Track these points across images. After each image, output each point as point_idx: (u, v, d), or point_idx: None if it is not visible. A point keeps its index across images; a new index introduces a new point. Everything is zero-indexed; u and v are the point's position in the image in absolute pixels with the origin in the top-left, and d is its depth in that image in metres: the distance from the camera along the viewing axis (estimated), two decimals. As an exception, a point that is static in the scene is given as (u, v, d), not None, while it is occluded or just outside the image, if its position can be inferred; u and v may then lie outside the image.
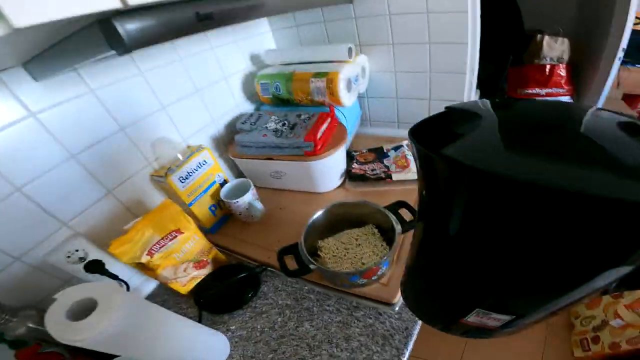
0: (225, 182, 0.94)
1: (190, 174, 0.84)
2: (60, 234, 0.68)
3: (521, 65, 2.11)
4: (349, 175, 0.96)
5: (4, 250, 0.61)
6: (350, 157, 1.03)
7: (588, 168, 0.24)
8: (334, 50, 0.98)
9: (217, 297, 0.75)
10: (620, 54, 1.91)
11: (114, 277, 0.71)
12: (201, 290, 0.76)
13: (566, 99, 2.11)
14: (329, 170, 0.93)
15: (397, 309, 0.68)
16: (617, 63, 1.93)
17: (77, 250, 0.68)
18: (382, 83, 1.09)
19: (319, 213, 0.74)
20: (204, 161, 0.88)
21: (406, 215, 0.71)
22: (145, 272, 0.72)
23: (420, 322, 0.66)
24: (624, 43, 1.67)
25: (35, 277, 0.66)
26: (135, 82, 0.79)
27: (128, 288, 0.73)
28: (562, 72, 2.10)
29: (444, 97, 1.01)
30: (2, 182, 0.59)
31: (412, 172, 0.91)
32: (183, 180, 0.83)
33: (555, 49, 2.14)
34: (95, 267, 0.68)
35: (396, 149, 1.00)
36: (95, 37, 0.36)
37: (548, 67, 2.12)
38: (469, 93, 0.96)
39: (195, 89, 0.94)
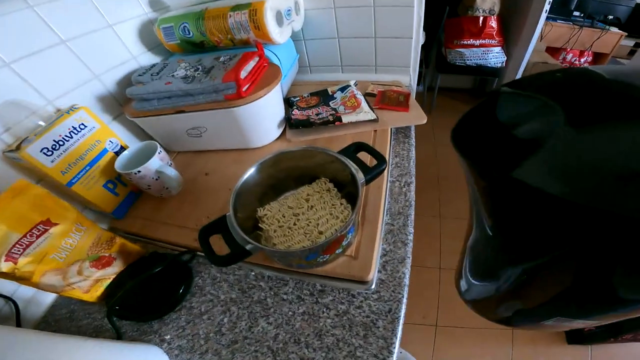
0: (123, 149, 0.69)
1: (61, 143, 0.59)
2: None
3: (456, 17, 2.23)
4: (290, 123, 0.77)
5: None
6: (289, 103, 0.84)
7: None
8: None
9: (140, 299, 0.56)
10: (547, 7, 1.97)
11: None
12: (116, 294, 0.57)
13: (497, 50, 2.17)
14: (262, 117, 0.74)
15: (373, 286, 0.53)
16: (543, 16, 2.00)
17: None
18: (321, 22, 0.93)
19: (251, 171, 0.53)
20: (82, 125, 0.62)
21: (366, 159, 0.54)
22: (21, 282, 0.51)
23: (405, 300, 0.52)
24: (550, -2, 1.62)
25: None
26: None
27: (16, 305, 0.57)
28: (494, 24, 2.13)
29: (391, 34, 0.89)
30: None
31: (364, 112, 0.74)
32: (49, 153, 0.57)
33: (486, 1, 2.16)
34: None
35: (343, 89, 0.83)
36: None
37: (481, 18, 2.14)
38: (417, 28, 0.86)
39: (60, 40, 0.67)
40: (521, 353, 1.29)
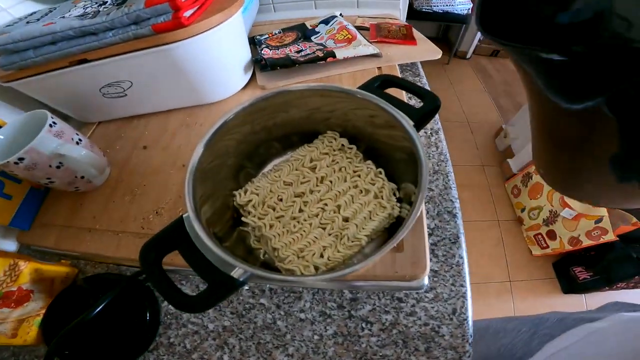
0: None
1: None
2: None
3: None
4: (261, 65, 0.56)
5: None
6: (254, 43, 0.62)
7: None
8: None
9: (95, 339, 0.39)
10: None
11: None
12: (55, 333, 0.38)
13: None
14: (219, 57, 0.51)
15: (425, 283, 0.37)
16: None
17: None
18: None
19: (211, 135, 0.31)
20: None
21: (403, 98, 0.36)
22: None
23: (470, 294, 0.38)
24: None
25: None
26: None
27: None
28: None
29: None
30: None
31: (363, 46, 0.55)
32: None
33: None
34: None
35: (327, 21, 0.63)
36: None
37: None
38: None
39: None
40: (522, 304, 1.28)
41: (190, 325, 0.39)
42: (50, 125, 0.39)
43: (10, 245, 0.48)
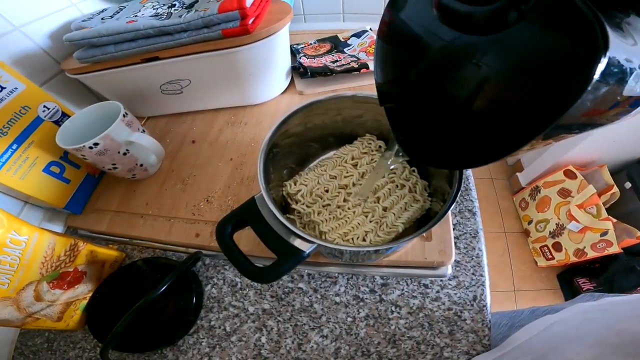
0: (66, 117, 0.49)
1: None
2: None
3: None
4: (300, 72, 0.61)
5: None
6: (292, 52, 0.67)
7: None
8: None
9: (138, 323, 0.40)
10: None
11: None
12: (99, 318, 0.42)
13: None
14: (271, 63, 0.56)
15: (449, 271, 0.41)
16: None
17: None
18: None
19: (280, 120, 0.36)
20: None
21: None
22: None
23: (488, 283, 0.41)
24: None
25: None
26: None
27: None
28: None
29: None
30: None
31: None
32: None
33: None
34: None
35: (359, 35, 0.68)
36: None
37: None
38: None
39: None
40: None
41: (232, 309, 0.42)
42: (124, 115, 0.44)
43: (58, 229, 0.52)
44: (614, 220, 1.13)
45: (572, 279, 1.30)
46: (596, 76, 0.13)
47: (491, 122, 0.18)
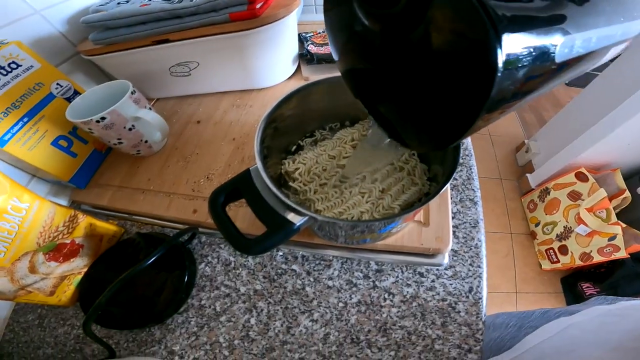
0: (77, 93, 0.50)
1: (-17, 86, 0.41)
2: None
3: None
4: (308, 59, 0.62)
5: None
6: (301, 40, 0.67)
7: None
8: None
9: (127, 299, 0.41)
10: None
11: None
12: (91, 294, 0.41)
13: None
14: (278, 47, 0.56)
15: (446, 260, 0.40)
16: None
17: None
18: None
19: (285, 95, 0.36)
20: (13, 63, 0.43)
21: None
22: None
23: (485, 275, 0.40)
24: None
25: None
26: None
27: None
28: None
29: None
30: None
31: None
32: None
33: None
34: None
35: None
36: None
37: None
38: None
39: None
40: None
41: (223, 288, 0.42)
42: (132, 93, 0.46)
43: (62, 202, 0.53)
44: (624, 225, 1.10)
45: (575, 284, 1.27)
46: (501, 59, 0.12)
47: (437, 103, 0.18)
